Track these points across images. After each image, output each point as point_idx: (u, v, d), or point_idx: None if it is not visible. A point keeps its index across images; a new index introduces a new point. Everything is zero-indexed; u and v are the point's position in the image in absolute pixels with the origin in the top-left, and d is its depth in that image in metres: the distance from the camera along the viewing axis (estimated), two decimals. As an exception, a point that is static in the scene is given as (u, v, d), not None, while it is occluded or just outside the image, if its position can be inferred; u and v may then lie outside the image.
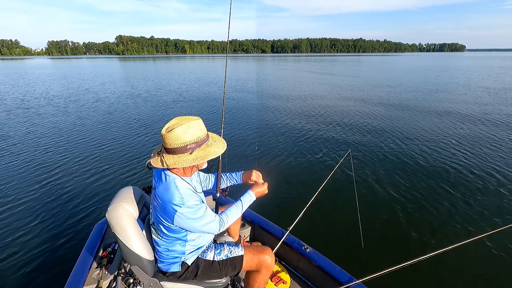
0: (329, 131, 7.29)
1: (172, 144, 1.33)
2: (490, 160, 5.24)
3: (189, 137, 1.33)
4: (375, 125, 7.79)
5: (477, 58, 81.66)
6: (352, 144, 6.21)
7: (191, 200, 1.38)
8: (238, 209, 1.61)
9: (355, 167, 4.85)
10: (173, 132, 1.31)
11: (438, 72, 27.43)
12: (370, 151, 5.73)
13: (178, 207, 1.34)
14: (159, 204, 1.40)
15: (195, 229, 1.43)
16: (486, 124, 7.82)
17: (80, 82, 20.43)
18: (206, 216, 1.42)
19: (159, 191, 1.40)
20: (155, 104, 11.35)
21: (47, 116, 9.26)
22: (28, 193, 4.19)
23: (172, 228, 1.44)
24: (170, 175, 1.41)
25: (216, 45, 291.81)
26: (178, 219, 1.37)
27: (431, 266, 2.70)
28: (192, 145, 1.34)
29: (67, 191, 4.24)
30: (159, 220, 1.45)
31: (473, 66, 38.84)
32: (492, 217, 3.54)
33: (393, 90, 14.82)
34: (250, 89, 16.03)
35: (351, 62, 56.09)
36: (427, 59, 72.23)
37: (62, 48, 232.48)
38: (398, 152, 5.67)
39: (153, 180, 1.53)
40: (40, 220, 3.54)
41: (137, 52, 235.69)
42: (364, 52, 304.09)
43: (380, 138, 6.62)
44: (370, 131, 7.21)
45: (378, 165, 5.05)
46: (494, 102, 11.07)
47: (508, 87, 15.73)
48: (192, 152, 1.35)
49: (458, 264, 2.77)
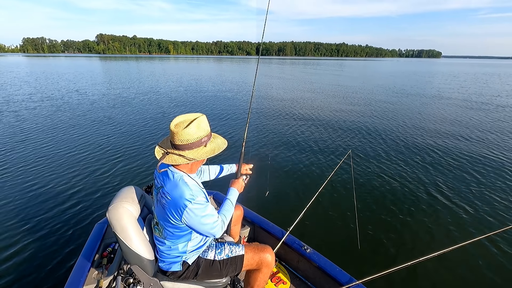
0: (330, 132, 7.36)
1: (190, 140, 1.38)
2: (491, 162, 5.30)
3: (202, 131, 1.41)
4: (376, 126, 7.92)
5: (456, 64, 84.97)
6: (352, 145, 6.28)
7: (200, 196, 1.41)
8: (230, 208, 1.64)
9: (355, 168, 4.90)
10: (189, 129, 1.36)
11: (426, 78, 28.31)
12: (370, 152, 5.79)
13: (189, 203, 1.36)
14: (168, 201, 1.40)
15: (201, 228, 1.44)
16: (487, 124, 8.07)
17: (72, 81, 19.68)
18: (211, 216, 1.45)
19: (167, 189, 1.41)
20: (153, 104, 11.27)
21: (45, 115, 9.02)
22: (28, 194, 4.12)
23: (180, 226, 1.45)
24: (178, 172, 1.44)
25: (201, 46, 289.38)
26: (187, 215, 1.38)
27: (430, 267, 2.72)
28: (205, 138, 1.43)
29: (68, 191, 4.20)
30: (165, 219, 1.45)
31: (457, 72, 40.41)
32: (492, 218, 3.56)
33: (392, 93, 15.09)
34: (248, 89, 16.05)
35: (341, 66, 57.19)
36: (410, 65, 74.38)
37: (38, 46, 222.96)
38: (398, 153, 5.75)
39: (155, 180, 1.53)
40: (40, 219, 3.50)
41: (119, 51, 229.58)
42: (347, 57, 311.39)
43: (380, 139, 6.72)
44: (371, 132, 7.32)
45: (378, 166, 5.10)
46: (492, 109, 11.20)
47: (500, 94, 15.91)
48: (206, 145, 1.43)
49: (457, 265, 2.78)
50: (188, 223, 1.42)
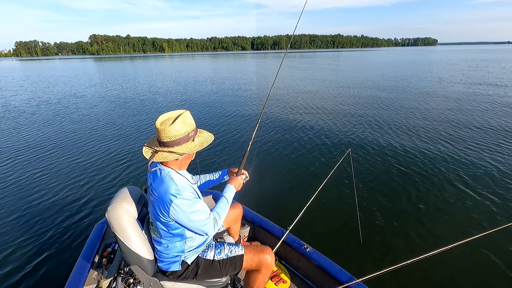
0: (329, 130, 7.30)
1: (177, 135, 1.39)
2: (493, 159, 5.20)
3: (189, 126, 1.43)
4: (375, 125, 7.83)
5: (454, 51, 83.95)
6: (352, 143, 6.23)
7: (187, 191, 1.40)
8: (225, 205, 1.61)
9: (355, 167, 4.86)
10: (175, 125, 1.38)
11: (427, 66, 28.05)
12: (369, 151, 5.75)
13: (174, 197, 1.36)
14: (156, 198, 1.42)
15: (191, 225, 1.43)
16: (490, 121, 7.83)
17: (68, 84, 19.66)
18: (201, 212, 1.43)
19: (155, 185, 1.43)
20: (153, 105, 11.27)
21: (44, 118, 9.07)
22: (28, 194, 4.14)
23: (169, 224, 1.44)
24: (165, 169, 1.45)
25: (195, 43, 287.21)
26: (173, 210, 1.37)
27: (430, 265, 2.70)
28: (192, 133, 1.44)
29: (67, 192, 4.22)
30: (156, 217, 1.46)
31: (456, 59, 39.89)
32: (495, 215, 3.52)
33: (393, 88, 14.77)
34: (246, 86, 15.96)
35: (337, 58, 56.80)
36: (408, 53, 73.82)
37: (31, 49, 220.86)
38: (397, 152, 5.69)
39: (148, 180, 1.55)
40: (40, 220, 3.52)
41: (113, 51, 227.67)
42: (342, 48, 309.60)
43: (380, 137, 6.65)
44: (370, 131, 7.25)
45: (377, 165, 5.06)
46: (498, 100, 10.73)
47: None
48: (194, 139, 1.45)
49: (458, 263, 2.75)
50: (176, 219, 1.41)
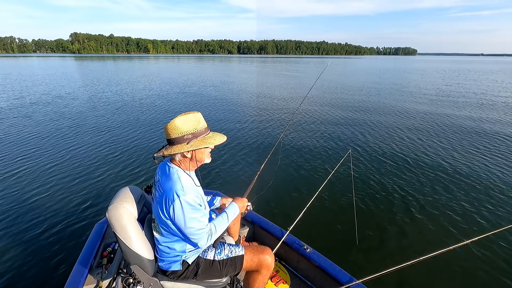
0: (330, 132, 7.39)
1: (172, 135, 1.39)
2: (493, 162, 5.34)
3: (186, 127, 1.39)
4: (375, 126, 8.00)
5: (433, 61, 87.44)
6: (352, 145, 6.33)
7: (192, 194, 1.39)
8: (224, 222, 1.61)
9: (355, 168, 4.92)
10: (172, 123, 1.39)
11: (418, 74, 29.07)
12: (369, 152, 5.84)
13: (177, 197, 1.37)
14: (160, 194, 1.42)
15: (185, 231, 1.42)
16: (489, 123, 8.15)
17: (61, 83, 18.92)
18: (199, 221, 1.43)
19: (161, 181, 1.44)
20: (153, 104, 11.11)
21: (45, 117, 8.81)
22: (28, 194, 4.06)
23: (169, 223, 1.44)
24: (174, 167, 1.47)
25: (181, 45, 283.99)
26: (173, 210, 1.37)
27: (430, 266, 2.74)
28: (189, 135, 1.40)
29: (67, 191, 4.16)
30: (158, 215, 1.46)
31: (442, 68, 41.81)
32: (494, 217, 3.59)
33: (389, 92, 15.21)
34: (244, 89, 16.02)
35: (322, 63, 57.80)
36: (390, 62, 75.83)
37: (7, 45, 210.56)
38: (397, 153, 5.80)
39: (155, 176, 1.54)
40: (40, 220, 3.46)
41: (95, 51, 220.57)
42: (327, 55, 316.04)
43: (379, 139, 6.77)
44: (370, 132, 7.39)
45: (377, 166, 5.13)
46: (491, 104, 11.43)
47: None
48: (189, 142, 1.40)
49: (458, 265, 2.79)
50: (173, 219, 1.40)
